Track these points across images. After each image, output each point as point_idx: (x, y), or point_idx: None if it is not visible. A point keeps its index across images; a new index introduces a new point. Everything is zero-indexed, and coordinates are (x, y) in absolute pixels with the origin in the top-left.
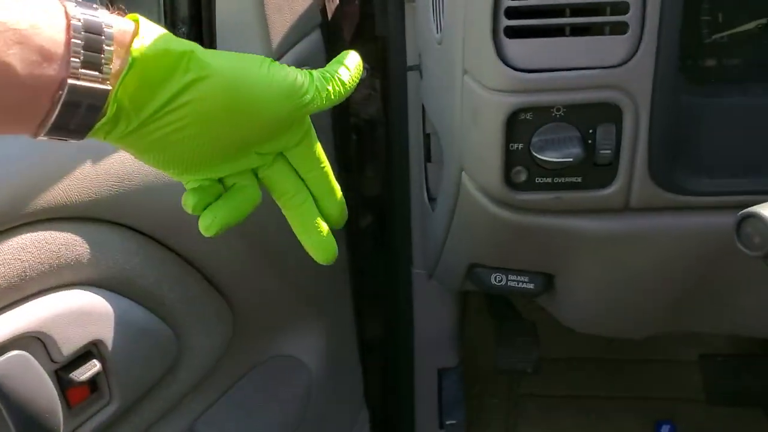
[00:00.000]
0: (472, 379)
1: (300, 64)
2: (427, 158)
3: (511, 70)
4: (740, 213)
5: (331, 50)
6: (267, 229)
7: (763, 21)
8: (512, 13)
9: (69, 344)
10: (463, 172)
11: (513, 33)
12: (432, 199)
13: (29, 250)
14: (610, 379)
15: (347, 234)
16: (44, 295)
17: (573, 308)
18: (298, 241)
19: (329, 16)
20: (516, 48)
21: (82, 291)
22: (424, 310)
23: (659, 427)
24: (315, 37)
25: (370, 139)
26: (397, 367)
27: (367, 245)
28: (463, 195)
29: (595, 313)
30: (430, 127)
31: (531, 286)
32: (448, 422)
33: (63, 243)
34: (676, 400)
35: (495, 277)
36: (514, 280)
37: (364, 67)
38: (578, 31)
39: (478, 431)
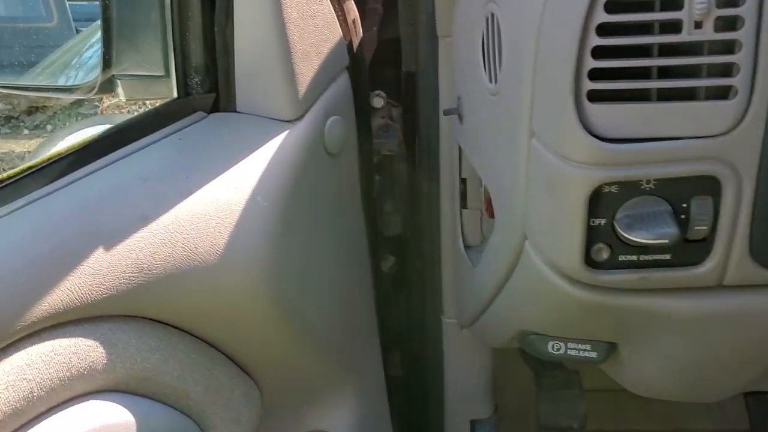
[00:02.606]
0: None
1: (328, 113)
2: (463, 205)
3: (596, 140)
4: None
5: (356, 93)
6: (303, 303)
7: None
8: (597, 74)
9: None
10: (527, 242)
11: (597, 97)
12: (468, 248)
13: (35, 365)
14: (644, 411)
15: (373, 277)
16: (54, 413)
17: (640, 377)
18: (331, 304)
19: (354, 50)
20: (601, 114)
21: (97, 401)
22: (454, 360)
23: None
24: (342, 81)
25: (390, 175)
26: (428, 421)
27: (388, 287)
28: (525, 266)
29: (667, 383)
30: (467, 171)
31: (594, 354)
32: None
33: (74, 351)
34: None
35: (552, 346)
36: (574, 349)
37: (380, 96)
38: (668, 95)
39: None
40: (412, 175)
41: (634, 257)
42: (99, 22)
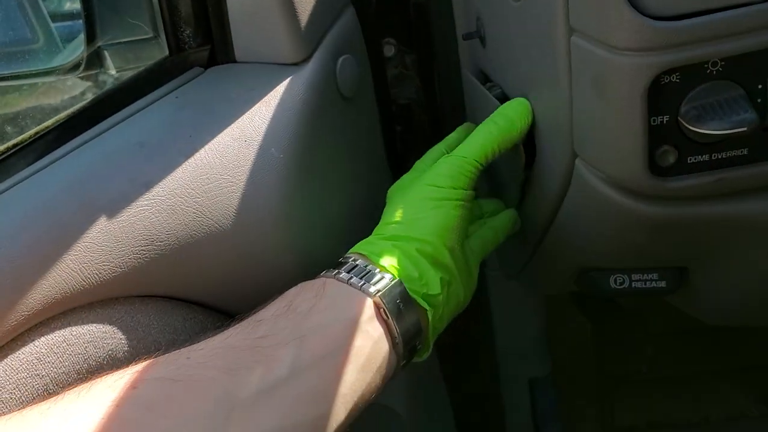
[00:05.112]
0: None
1: (338, 53)
2: None
3: (650, 20)
4: None
5: (366, 29)
6: (332, 261)
7: None
8: None
9: None
10: (578, 161)
11: None
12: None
13: (47, 359)
14: (710, 352)
15: None
16: None
17: (717, 303)
18: None
19: None
20: None
21: None
22: (504, 315)
23: None
24: (349, 16)
25: (410, 124)
26: (483, 384)
27: None
28: (578, 189)
29: (749, 306)
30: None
31: (662, 284)
32: None
33: (89, 340)
34: None
35: (615, 280)
36: (639, 280)
37: (390, 43)
38: None
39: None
40: (434, 123)
41: (706, 157)
42: None
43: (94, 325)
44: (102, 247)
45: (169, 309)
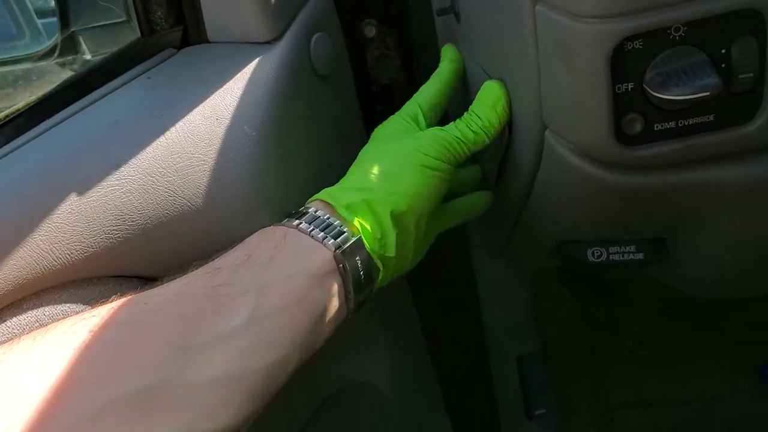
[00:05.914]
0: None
1: (312, 30)
2: None
3: None
4: None
5: (341, 7)
6: None
7: None
8: None
9: None
10: (547, 132)
11: None
12: None
13: None
14: (700, 328)
15: None
16: None
17: (696, 274)
18: None
19: None
20: None
21: None
22: (491, 294)
23: (765, 372)
24: None
25: (392, 105)
26: (470, 361)
27: None
28: (548, 161)
29: (727, 276)
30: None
31: (640, 256)
32: (537, 412)
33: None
34: None
35: (593, 253)
36: (617, 253)
37: (371, 24)
38: None
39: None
40: None
41: (672, 124)
42: None
43: (68, 305)
44: (73, 227)
45: (143, 289)
